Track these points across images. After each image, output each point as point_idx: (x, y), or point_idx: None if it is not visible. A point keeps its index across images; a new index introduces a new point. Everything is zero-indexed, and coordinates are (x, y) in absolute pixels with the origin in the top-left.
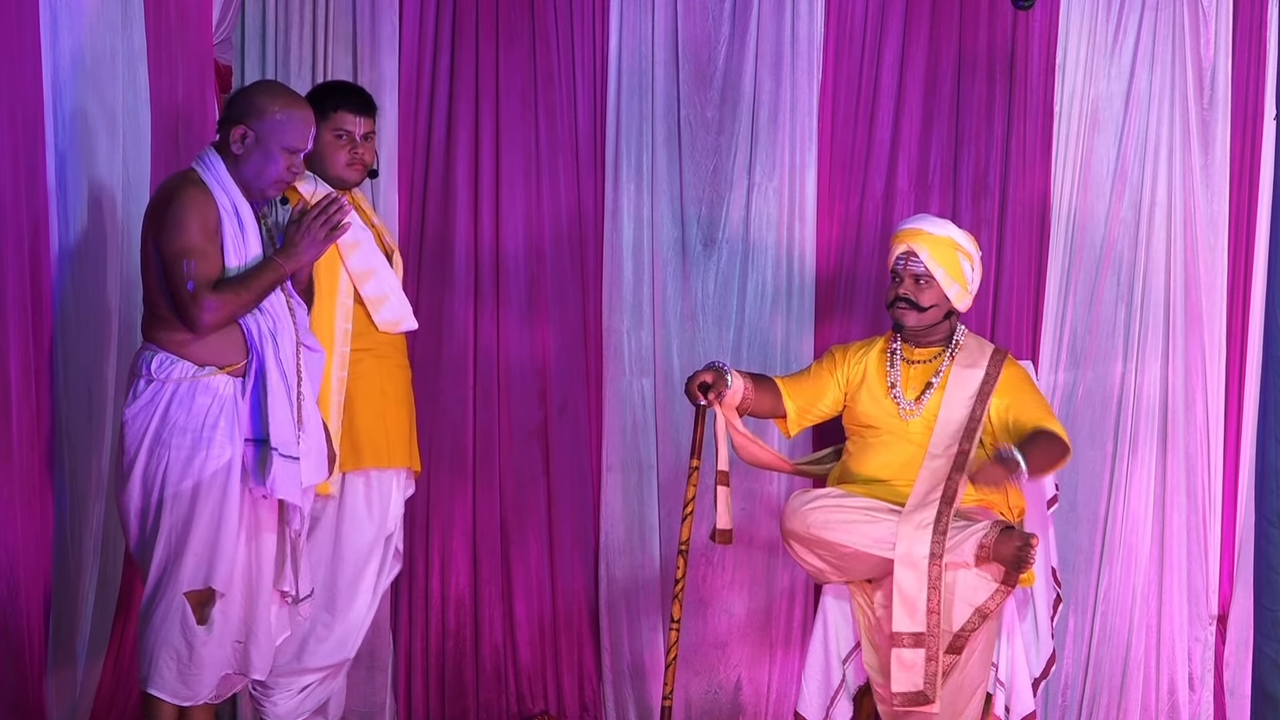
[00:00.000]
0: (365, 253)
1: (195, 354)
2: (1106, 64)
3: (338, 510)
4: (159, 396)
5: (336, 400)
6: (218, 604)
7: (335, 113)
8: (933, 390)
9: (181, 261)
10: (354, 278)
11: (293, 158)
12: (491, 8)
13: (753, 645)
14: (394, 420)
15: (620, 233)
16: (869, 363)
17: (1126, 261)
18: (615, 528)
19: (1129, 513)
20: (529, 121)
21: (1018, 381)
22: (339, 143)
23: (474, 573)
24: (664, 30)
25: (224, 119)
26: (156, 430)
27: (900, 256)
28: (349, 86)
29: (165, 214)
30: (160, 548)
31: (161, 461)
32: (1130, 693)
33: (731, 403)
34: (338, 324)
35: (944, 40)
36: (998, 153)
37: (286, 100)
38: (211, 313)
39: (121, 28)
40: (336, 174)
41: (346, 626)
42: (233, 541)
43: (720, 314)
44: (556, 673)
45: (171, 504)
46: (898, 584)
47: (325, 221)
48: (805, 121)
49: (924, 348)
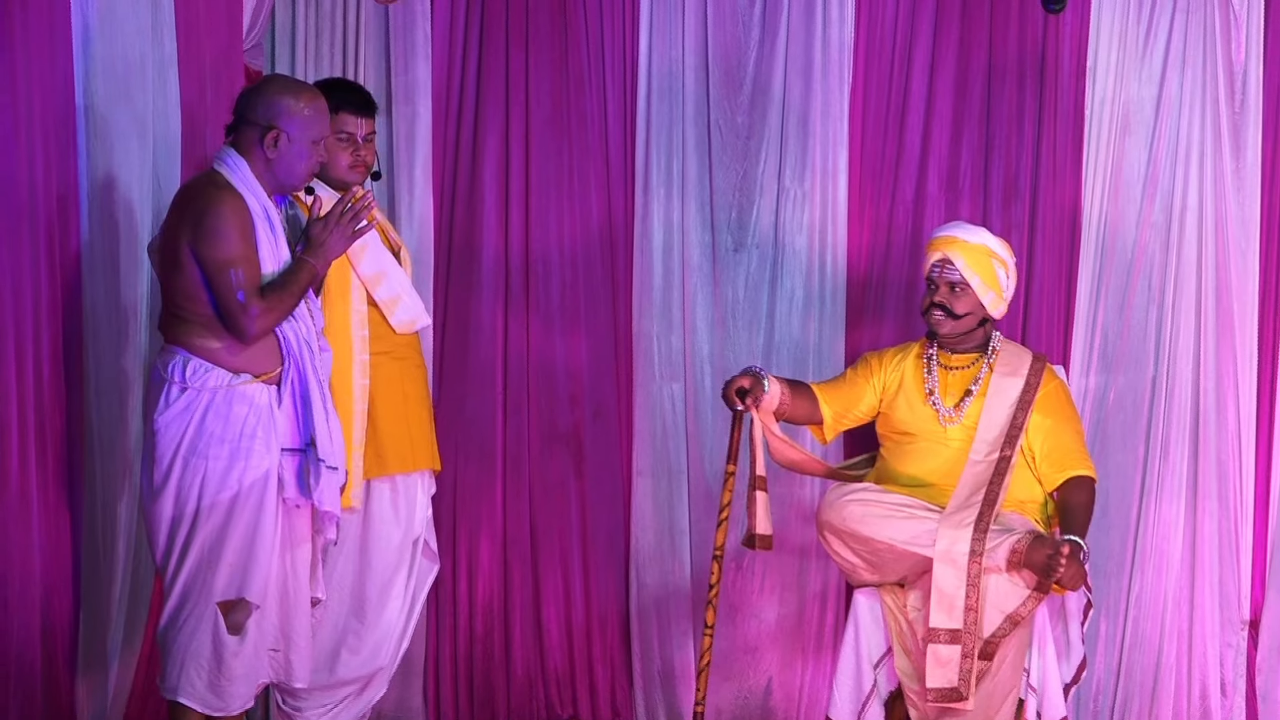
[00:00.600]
0: (374, 255)
1: (229, 361)
2: (1137, 68)
3: (363, 518)
4: (194, 405)
5: (360, 409)
6: (253, 615)
7: (338, 114)
8: (972, 398)
9: (229, 271)
10: (366, 282)
11: (319, 147)
12: (522, 13)
13: (783, 650)
14: (417, 422)
15: (650, 237)
16: (906, 369)
17: (1158, 266)
18: (646, 533)
19: (1160, 517)
20: (559, 126)
21: (1058, 401)
22: (342, 144)
23: (504, 578)
24: (694, 35)
25: (244, 121)
26: (192, 440)
27: (935, 264)
28: (350, 85)
29: (204, 222)
30: (193, 558)
31: (198, 473)
32: (1162, 698)
33: (768, 408)
34: (354, 331)
35: (974, 44)
36: (1028, 157)
37: (310, 94)
38: (262, 320)
39: (152, 34)
40: (339, 175)
41: (378, 636)
42: (268, 553)
43: (750, 319)
44: (588, 678)
45: (207, 515)
46: (936, 581)
47: (354, 218)
48: (836, 126)
49: (960, 354)
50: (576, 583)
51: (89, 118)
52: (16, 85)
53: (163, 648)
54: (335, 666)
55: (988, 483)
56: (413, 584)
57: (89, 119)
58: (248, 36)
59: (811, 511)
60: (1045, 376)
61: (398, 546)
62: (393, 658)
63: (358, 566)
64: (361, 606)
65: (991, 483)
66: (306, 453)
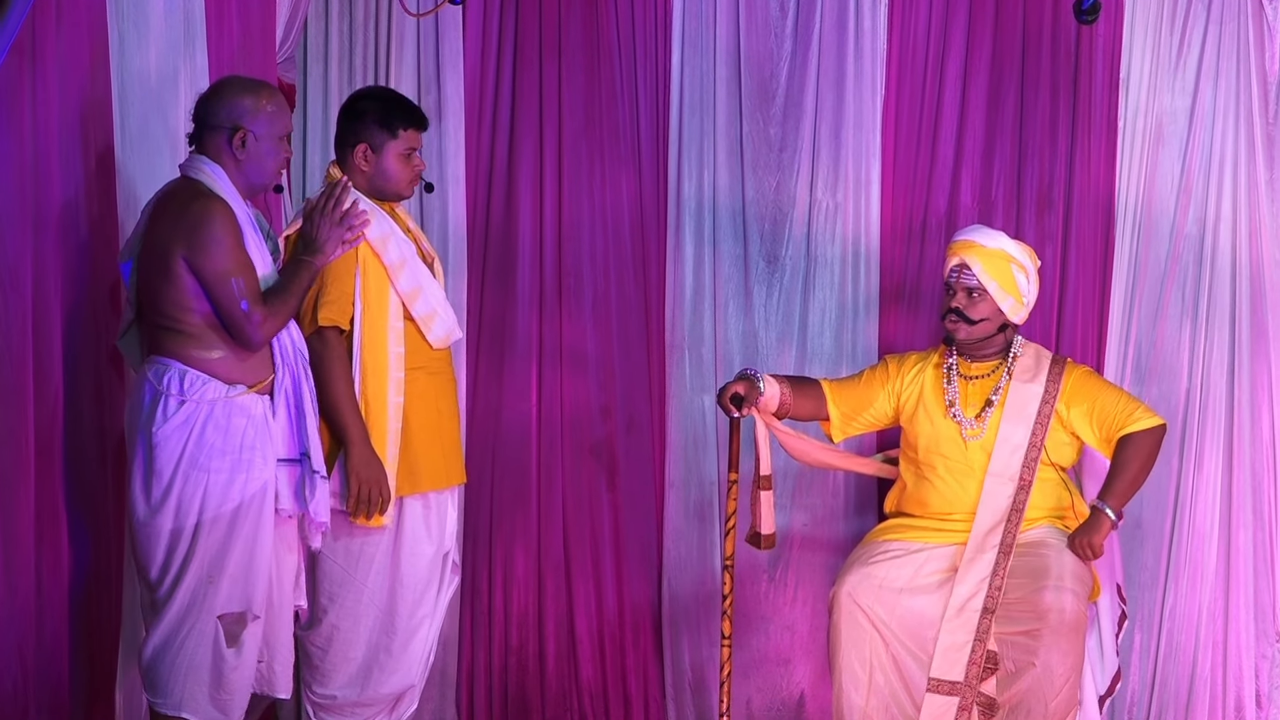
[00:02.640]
0: (412, 270)
1: (223, 372)
2: (1170, 79)
3: (395, 536)
4: (194, 417)
5: (394, 428)
6: (249, 627)
7: (404, 131)
8: (993, 408)
9: (230, 281)
10: (404, 299)
11: (285, 143)
12: (554, 26)
13: (816, 660)
14: (449, 438)
15: (682, 249)
16: (925, 381)
17: (1192, 276)
18: (677, 544)
19: (1194, 529)
20: (592, 138)
21: (1086, 384)
22: (407, 162)
23: (538, 589)
24: (726, 47)
25: (207, 126)
26: (193, 454)
27: (954, 269)
28: (411, 105)
29: (200, 233)
30: (193, 573)
31: (199, 486)
32: (1196, 710)
33: (769, 408)
34: (390, 348)
35: (1007, 55)
36: (1061, 168)
37: (269, 91)
38: (268, 327)
39: (184, 47)
40: (398, 190)
41: (410, 654)
42: (267, 564)
43: (783, 331)
44: (620, 688)
45: (209, 528)
46: (945, 633)
47: (335, 207)
48: (868, 137)
49: (980, 361)
50: (609, 594)
51: (123, 130)
52: (52, 97)
53: (156, 664)
54: (367, 684)
55: (1005, 520)
56: (443, 599)
57: (123, 131)
58: (281, 49)
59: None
60: (1065, 374)
61: (429, 562)
62: (423, 675)
63: (389, 584)
64: (393, 623)
65: (1009, 520)
66: (301, 463)
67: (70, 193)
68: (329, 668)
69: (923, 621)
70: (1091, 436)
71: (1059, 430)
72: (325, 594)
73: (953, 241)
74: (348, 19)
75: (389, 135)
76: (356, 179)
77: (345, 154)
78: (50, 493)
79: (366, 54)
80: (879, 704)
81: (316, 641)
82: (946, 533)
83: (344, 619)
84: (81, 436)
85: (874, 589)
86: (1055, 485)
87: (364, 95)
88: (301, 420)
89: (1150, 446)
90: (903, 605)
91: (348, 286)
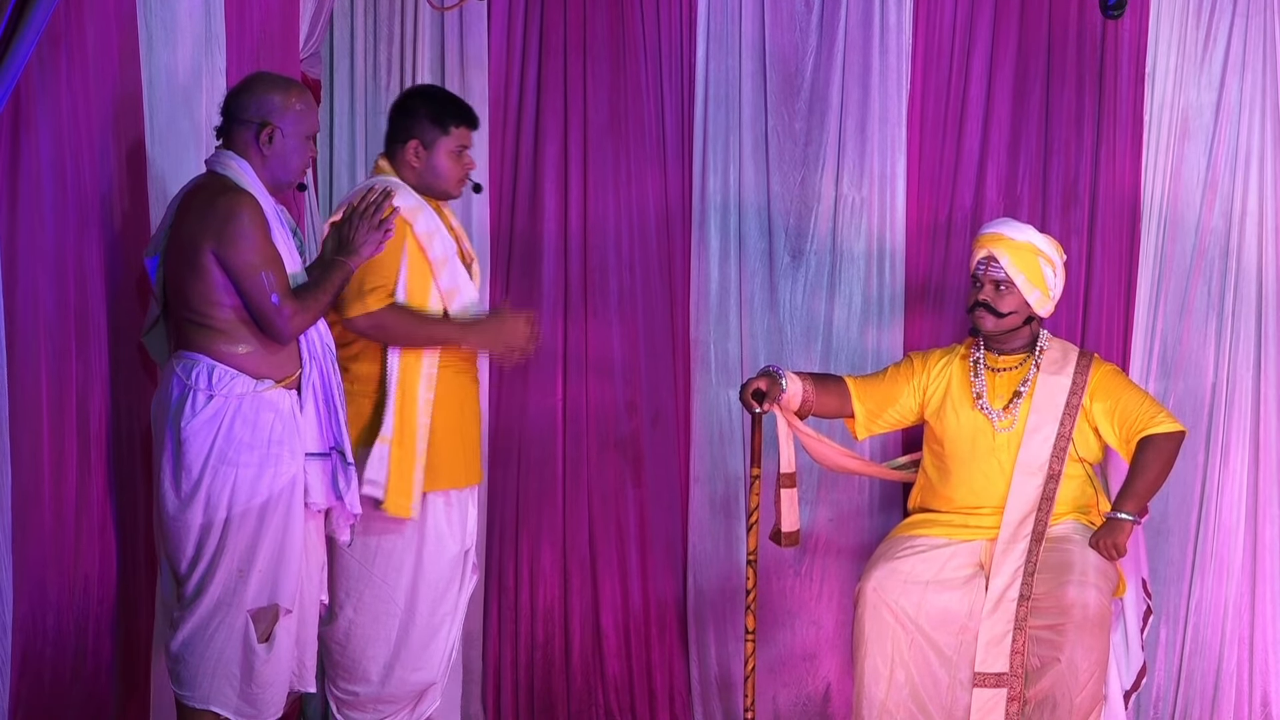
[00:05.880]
0: (452, 268)
1: (251, 367)
2: (1196, 72)
3: (419, 532)
4: (222, 412)
5: (423, 423)
6: (281, 621)
7: (456, 129)
8: (1022, 399)
9: (260, 275)
10: (444, 296)
11: (311, 143)
12: (579, 21)
13: (842, 656)
14: (470, 438)
15: (707, 244)
16: (952, 375)
17: (1217, 271)
18: (703, 539)
19: (1220, 524)
20: (617, 134)
21: (1111, 381)
22: (458, 160)
23: (564, 585)
24: (751, 42)
25: (235, 121)
26: (222, 448)
27: (981, 261)
28: (463, 103)
29: (229, 227)
30: (224, 567)
31: (229, 480)
32: (1222, 705)
33: (790, 406)
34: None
35: (1032, 49)
36: (1087, 162)
37: (298, 89)
38: (298, 321)
39: (206, 43)
40: (447, 189)
41: (432, 652)
42: (297, 557)
43: (808, 325)
44: (646, 684)
45: (239, 523)
46: (984, 629)
47: (376, 214)
48: (894, 132)
49: (1007, 354)
50: (635, 589)
51: (153, 126)
52: (89, 91)
53: (184, 657)
54: (388, 680)
55: (1036, 509)
56: (464, 597)
57: (153, 127)
58: (305, 45)
59: (866, 514)
60: (1093, 368)
61: (451, 560)
62: (444, 672)
63: (410, 580)
64: (414, 620)
65: (1040, 509)
66: (332, 456)
67: (105, 186)
68: (349, 663)
69: (947, 617)
70: (1111, 435)
71: (1083, 423)
72: (342, 590)
73: (980, 234)
74: (372, 15)
75: (441, 132)
76: (406, 175)
77: (396, 149)
78: (92, 484)
79: (391, 50)
80: (898, 699)
81: (335, 637)
82: (972, 529)
83: (361, 615)
84: (120, 427)
85: (900, 584)
86: (1081, 481)
87: (417, 92)
88: (331, 414)
89: (1170, 451)
90: (928, 600)
91: (392, 274)
